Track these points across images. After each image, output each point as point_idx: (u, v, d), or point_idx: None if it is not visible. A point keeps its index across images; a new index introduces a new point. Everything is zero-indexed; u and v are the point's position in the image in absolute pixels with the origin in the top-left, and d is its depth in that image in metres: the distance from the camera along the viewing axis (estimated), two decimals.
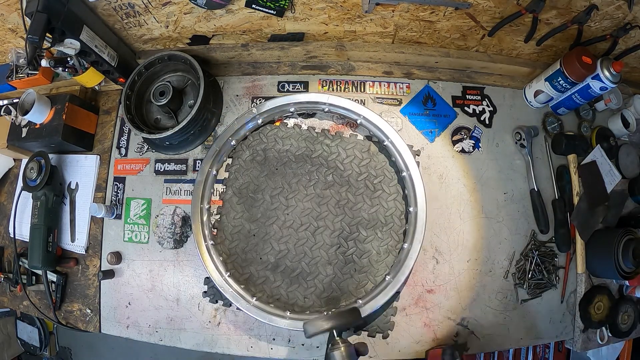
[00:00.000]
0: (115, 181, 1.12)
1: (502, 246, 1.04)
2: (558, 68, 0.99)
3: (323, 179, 1.04)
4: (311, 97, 1.04)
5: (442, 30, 1.00)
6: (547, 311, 1.04)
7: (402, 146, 1.00)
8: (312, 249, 1.01)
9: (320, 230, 1.02)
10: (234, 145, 1.06)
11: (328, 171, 1.05)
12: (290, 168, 1.05)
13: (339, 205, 1.03)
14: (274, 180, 1.05)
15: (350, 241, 1.01)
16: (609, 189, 1.08)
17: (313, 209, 1.03)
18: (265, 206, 1.04)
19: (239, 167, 1.07)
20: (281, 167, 1.06)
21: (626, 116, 1.14)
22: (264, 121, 1.07)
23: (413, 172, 0.98)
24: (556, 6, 0.88)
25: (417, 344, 0.99)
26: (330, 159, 1.06)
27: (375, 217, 1.02)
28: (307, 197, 1.04)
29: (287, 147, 1.07)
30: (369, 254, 1.00)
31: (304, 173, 1.05)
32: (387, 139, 1.01)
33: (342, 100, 1.03)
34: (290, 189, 1.04)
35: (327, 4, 0.93)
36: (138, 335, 1.04)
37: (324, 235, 1.01)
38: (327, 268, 1.00)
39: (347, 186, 1.04)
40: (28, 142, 1.11)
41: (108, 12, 0.96)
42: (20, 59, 1.13)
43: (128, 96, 1.05)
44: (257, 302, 0.94)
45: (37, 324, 2.09)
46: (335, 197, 1.03)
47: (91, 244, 1.10)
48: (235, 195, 1.05)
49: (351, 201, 1.03)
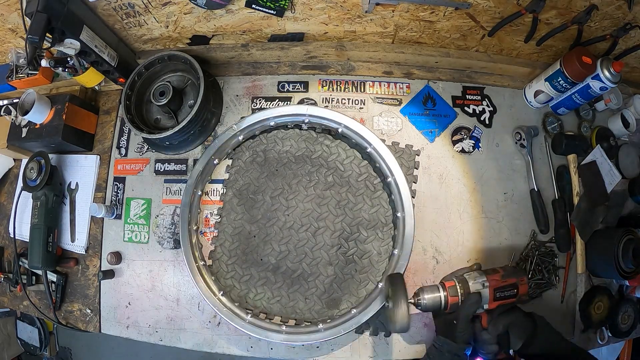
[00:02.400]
0: (115, 181, 1.12)
1: (502, 246, 1.04)
2: (558, 68, 0.99)
3: (323, 180, 1.04)
4: (290, 110, 1.04)
5: (442, 30, 1.00)
6: (547, 311, 1.03)
7: (385, 152, 0.99)
8: (312, 249, 1.01)
9: (320, 231, 1.02)
10: (216, 164, 1.06)
11: (328, 172, 1.05)
12: (290, 169, 1.05)
13: (339, 206, 1.03)
14: (274, 181, 1.05)
15: (351, 241, 1.01)
16: (609, 189, 1.08)
17: (313, 210, 1.03)
18: (265, 207, 1.04)
19: (239, 168, 1.07)
20: (281, 168, 1.06)
21: (626, 116, 1.14)
22: (245, 137, 1.06)
23: (398, 178, 0.97)
24: (556, 6, 0.88)
25: (417, 344, 0.99)
26: (330, 159, 1.05)
27: (375, 217, 1.02)
28: (308, 198, 1.03)
29: (287, 148, 1.07)
30: (370, 254, 1.00)
31: (304, 174, 1.05)
32: (369, 146, 1.00)
33: (322, 111, 1.02)
34: (290, 190, 1.04)
35: (327, 4, 0.93)
36: (138, 335, 1.04)
37: (325, 236, 1.01)
38: (328, 269, 1.00)
39: (347, 187, 1.04)
40: (28, 142, 1.11)
41: (108, 12, 0.96)
42: (20, 59, 1.13)
43: (128, 96, 1.05)
44: (251, 318, 0.94)
45: (37, 324, 2.09)
46: (335, 197, 1.03)
47: (91, 244, 1.10)
48: (235, 196, 1.05)
49: (351, 202, 1.03)
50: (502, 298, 0.80)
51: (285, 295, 0.99)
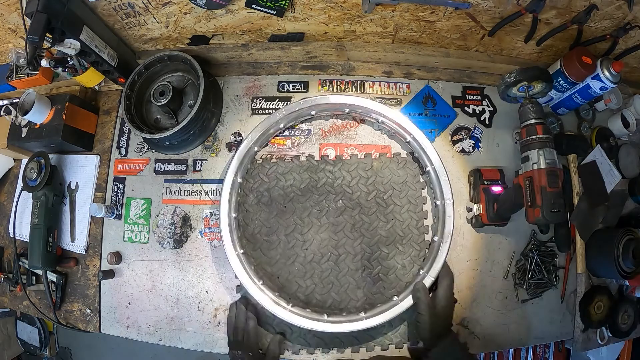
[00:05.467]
0: (115, 181, 1.12)
1: (502, 246, 1.04)
2: (558, 68, 0.99)
3: (334, 206, 1.02)
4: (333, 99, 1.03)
5: (442, 30, 1.00)
6: (547, 311, 1.04)
7: (425, 141, 1.00)
8: (338, 277, 0.99)
9: (342, 258, 0.99)
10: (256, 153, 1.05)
11: (337, 197, 1.02)
12: (298, 202, 1.03)
13: (355, 229, 1.01)
14: (285, 218, 1.02)
15: (374, 261, 0.99)
16: (609, 189, 1.08)
17: (330, 238, 1.00)
18: (282, 246, 1.01)
19: (246, 213, 1.03)
20: (289, 203, 1.03)
21: (626, 116, 1.14)
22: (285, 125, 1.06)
23: (437, 167, 0.99)
24: (556, 6, 0.88)
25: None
26: (336, 184, 1.03)
27: (393, 232, 1.00)
28: (322, 227, 1.01)
29: (290, 182, 1.04)
30: (395, 269, 0.99)
31: (313, 205, 1.02)
32: (408, 136, 1.02)
33: (363, 101, 1.02)
34: (303, 223, 1.01)
35: (327, 4, 0.93)
36: (138, 335, 1.04)
37: (347, 262, 0.99)
38: (357, 292, 0.98)
39: (359, 208, 1.02)
40: (28, 142, 1.11)
41: (108, 12, 0.96)
42: (20, 59, 1.13)
43: (128, 96, 1.05)
44: (293, 308, 0.93)
45: (37, 324, 2.09)
46: (349, 221, 1.01)
47: (91, 244, 1.10)
48: (250, 242, 1.02)
49: (366, 222, 1.01)
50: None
51: None
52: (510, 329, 1.01)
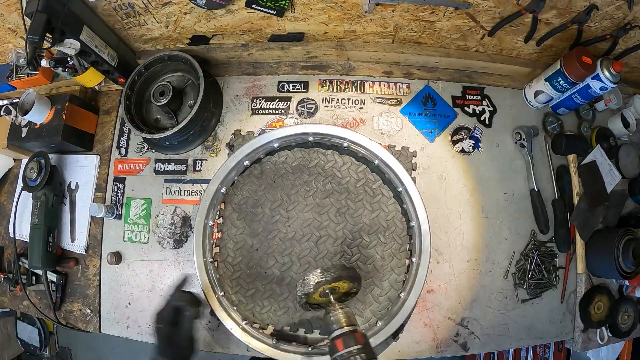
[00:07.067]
0: (115, 181, 1.12)
1: (502, 246, 1.04)
2: (558, 68, 0.99)
3: (322, 188, 1.03)
4: (291, 130, 1.01)
5: (442, 30, 1.00)
6: (547, 311, 1.04)
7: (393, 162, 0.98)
8: (316, 259, 1.00)
9: (322, 240, 1.01)
10: (223, 193, 1.03)
11: (326, 180, 1.04)
12: (287, 179, 1.04)
13: (339, 213, 1.02)
14: (273, 193, 1.04)
15: (354, 248, 1.00)
16: (609, 189, 1.08)
17: (314, 219, 1.02)
18: (265, 220, 1.02)
19: (236, 182, 1.05)
20: (279, 179, 1.04)
21: (626, 116, 1.14)
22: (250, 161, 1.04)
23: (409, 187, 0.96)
24: (556, 6, 0.88)
25: (417, 344, 0.99)
26: (327, 167, 1.04)
27: (376, 222, 1.01)
28: (307, 207, 1.02)
29: (283, 158, 1.06)
30: (373, 259, 0.99)
31: (302, 183, 1.04)
32: (376, 159, 1.00)
33: (325, 128, 1.00)
34: (289, 200, 1.03)
35: (327, 4, 0.93)
36: (138, 335, 1.04)
37: (327, 245, 1.00)
38: None
39: (346, 193, 1.03)
40: (28, 142, 1.11)
41: (108, 12, 0.96)
42: (20, 59, 1.13)
43: (128, 96, 1.05)
44: None
45: (37, 324, 2.09)
46: (335, 205, 1.02)
47: (91, 244, 1.10)
48: (235, 211, 1.04)
49: (351, 208, 1.02)
50: None
51: (292, 306, 0.97)
52: (510, 329, 1.01)
